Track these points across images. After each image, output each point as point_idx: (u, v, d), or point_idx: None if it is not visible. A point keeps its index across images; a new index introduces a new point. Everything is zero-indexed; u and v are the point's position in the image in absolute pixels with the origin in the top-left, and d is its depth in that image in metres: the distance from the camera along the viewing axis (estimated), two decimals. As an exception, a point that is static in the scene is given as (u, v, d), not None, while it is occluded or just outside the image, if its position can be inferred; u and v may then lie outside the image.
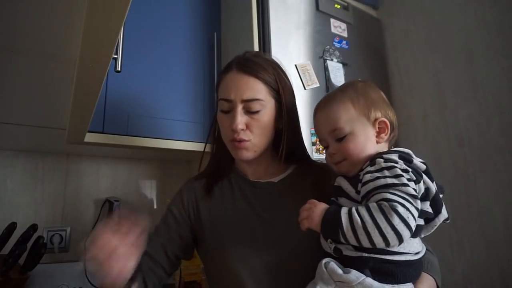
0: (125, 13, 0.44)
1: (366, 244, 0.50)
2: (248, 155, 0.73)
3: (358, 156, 0.61)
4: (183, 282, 1.23)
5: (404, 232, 0.49)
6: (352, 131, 0.62)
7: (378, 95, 0.66)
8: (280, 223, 0.71)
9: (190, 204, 0.79)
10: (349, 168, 0.63)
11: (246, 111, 0.72)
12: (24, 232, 1.01)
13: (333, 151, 0.64)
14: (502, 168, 1.16)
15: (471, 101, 1.27)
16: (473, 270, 1.20)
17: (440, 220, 0.59)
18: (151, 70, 1.19)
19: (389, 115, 0.64)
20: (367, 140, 0.62)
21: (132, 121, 1.11)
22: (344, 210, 0.53)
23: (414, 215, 0.50)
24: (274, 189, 0.77)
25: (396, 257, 0.54)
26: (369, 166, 0.58)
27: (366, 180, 0.55)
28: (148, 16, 1.23)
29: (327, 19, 1.37)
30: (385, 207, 0.50)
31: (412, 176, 0.54)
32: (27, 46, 0.69)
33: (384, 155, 0.57)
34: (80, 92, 0.66)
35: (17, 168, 1.28)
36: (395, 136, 0.66)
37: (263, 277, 0.67)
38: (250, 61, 0.74)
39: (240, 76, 0.73)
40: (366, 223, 0.50)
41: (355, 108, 0.62)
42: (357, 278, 0.52)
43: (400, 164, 0.55)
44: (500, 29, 1.21)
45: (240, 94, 0.71)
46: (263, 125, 0.72)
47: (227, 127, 0.73)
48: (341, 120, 0.62)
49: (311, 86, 1.21)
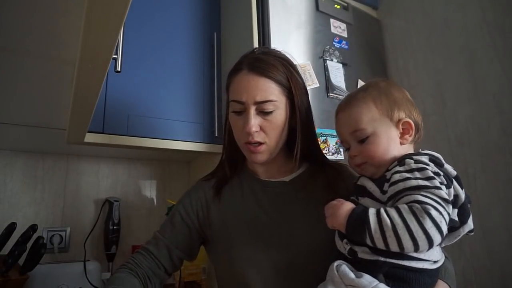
0: (125, 13, 0.43)
1: (395, 247, 0.47)
2: (263, 158, 0.72)
3: (380, 158, 0.58)
4: (183, 282, 1.23)
5: (436, 237, 0.46)
6: (375, 132, 0.59)
7: (402, 95, 0.63)
8: (290, 223, 0.70)
9: (199, 203, 0.79)
10: (373, 171, 0.60)
11: (259, 112, 0.70)
12: (24, 232, 1.01)
13: (355, 153, 0.61)
14: (502, 168, 1.16)
15: (471, 101, 1.27)
16: (473, 271, 1.20)
17: (464, 230, 0.56)
18: (151, 70, 1.19)
19: (414, 116, 0.61)
20: (390, 141, 0.59)
21: (132, 121, 1.11)
22: (372, 210, 0.50)
23: (446, 219, 0.48)
24: (285, 188, 0.76)
25: (413, 264, 0.51)
26: (397, 166, 0.55)
27: (396, 180, 0.52)
28: (148, 16, 1.23)
29: (327, 19, 1.37)
30: (417, 210, 0.47)
31: (443, 180, 0.52)
32: (27, 46, 0.69)
33: (414, 156, 0.55)
34: (80, 92, 0.66)
35: (17, 168, 1.28)
36: (421, 137, 0.63)
37: (271, 277, 0.66)
38: (261, 60, 0.72)
39: (251, 77, 0.71)
40: (396, 225, 0.47)
41: (378, 108, 0.60)
42: (369, 283, 0.49)
43: (432, 166, 0.53)
44: (500, 29, 1.21)
45: (253, 96, 0.69)
46: (277, 126, 0.71)
47: (240, 129, 0.72)
48: (363, 121, 0.60)
49: (311, 86, 1.21)
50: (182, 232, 0.77)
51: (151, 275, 0.73)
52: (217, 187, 0.79)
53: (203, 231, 0.78)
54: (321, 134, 1.16)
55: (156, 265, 0.74)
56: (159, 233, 0.78)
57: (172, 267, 0.76)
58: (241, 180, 0.80)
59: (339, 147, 1.20)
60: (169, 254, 0.75)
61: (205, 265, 1.29)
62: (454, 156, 1.30)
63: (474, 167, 1.24)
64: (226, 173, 0.80)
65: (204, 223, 0.78)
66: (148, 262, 0.74)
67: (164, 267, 0.75)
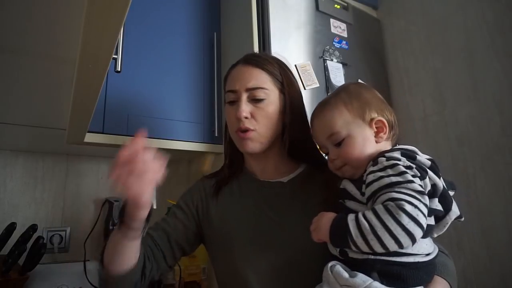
0: (125, 13, 0.43)
1: (379, 249, 0.48)
2: (253, 146, 0.73)
3: (358, 158, 0.60)
4: (183, 282, 1.23)
5: (416, 231, 0.47)
6: (349, 134, 0.61)
7: (372, 95, 0.65)
8: (288, 224, 0.71)
9: (199, 200, 0.80)
10: (352, 172, 0.62)
11: (250, 100, 0.73)
12: (24, 232, 1.01)
13: (333, 157, 0.63)
14: (502, 168, 1.16)
15: (471, 101, 1.27)
16: (473, 270, 1.20)
17: (451, 217, 0.56)
18: (151, 70, 1.19)
19: (386, 114, 0.63)
20: (365, 141, 0.61)
21: (132, 121, 1.11)
22: (351, 216, 0.51)
23: (423, 211, 0.48)
24: (283, 189, 0.76)
25: (404, 259, 0.52)
26: (371, 166, 0.56)
27: (370, 181, 0.54)
28: (148, 16, 1.23)
29: (327, 19, 1.37)
30: (391, 207, 0.48)
31: (416, 172, 0.53)
32: (27, 46, 0.69)
33: (386, 154, 0.56)
34: (80, 92, 0.66)
35: (17, 168, 1.28)
36: (397, 134, 0.65)
37: (269, 277, 0.66)
38: (256, 56, 0.78)
39: (245, 68, 0.75)
40: (374, 227, 0.48)
41: (349, 111, 0.62)
42: (363, 282, 0.50)
43: (403, 161, 0.54)
44: (500, 29, 1.21)
45: (245, 84, 0.73)
46: (268, 115, 0.73)
47: (232, 118, 0.74)
48: (337, 125, 0.62)
49: (311, 86, 1.21)
50: (181, 221, 0.77)
51: (150, 255, 0.71)
52: (217, 187, 0.80)
53: (201, 226, 0.79)
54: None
55: (156, 248, 0.73)
56: (160, 221, 0.78)
57: (171, 253, 0.75)
58: (240, 181, 0.81)
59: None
60: (168, 238, 0.75)
61: (205, 265, 1.29)
62: (454, 156, 1.30)
63: (474, 167, 1.24)
64: (225, 173, 0.81)
65: (204, 218, 0.78)
66: (148, 242, 0.73)
67: (162, 251, 0.73)
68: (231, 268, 0.71)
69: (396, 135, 0.65)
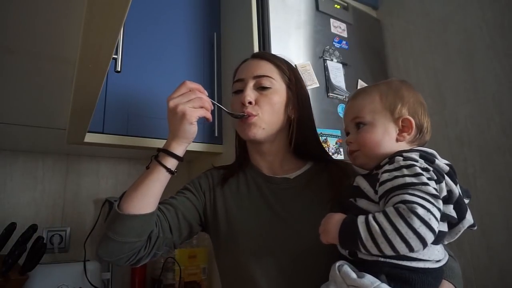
0: (125, 13, 0.44)
1: (389, 252, 0.47)
2: (256, 132, 0.73)
3: (371, 148, 0.60)
4: (183, 282, 1.23)
5: (427, 235, 0.46)
6: (372, 122, 0.61)
7: (411, 95, 0.64)
8: (295, 221, 0.71)
9: (207, 189, 0.80)
10: (363, 160, 0.62)
11: (256, 88, 0.75)
12: (24, 232, 1.01)
13: (351, 140, 0.64)
14: (502, 168, 1.16)
15: (471, 101, 1.27)
16: (473, 270, 1.20)
17: (464, 225, 0.55)
18: (151, 70, 1.19)
19: (419, 117, 0.62)
20: (385, 134, 0.60)
21: (132, 121, 1.11)
22: (361, 219, 0.50)
23: (436, 216, 0.47)
24: (289, 185, 0.76)
25: (415, 264, 0.51)
26: (387, 165, 0.55)
27: (384, 180, 0.53)
28: (148, 16, 1.23)
29: (327, 19, 1.37)
30: (403, 210, 0.47)
31: (432, 175, 0.51)
32: (27, 46, 0.68)
33: (404, 153, 0.55)
34: (80, 92, 0.66)
35: (17, 168, 1.27)
36: (425, 141, 0.64)
37: (275, 273, 0.66)
38: (266, 52, 0.85)
39: (255, 61, 0.80)
40: (385, 230, 0.47)
41: (382, 101, 0.62)
42: (371, 283, 0.49)
43: (420, 162, 0.52)
44: (500, 29, 1.21)
45: (252, 72, 0.76)
46: (272, 102, 0.74)
47: (237, 105, 0.76)
48: (364, 110, 0.63)
49: (311, 86, 1.21)
50: (190, 200, 0.76)
51: (158, 223, 0.69)
52: (224, 178, 0.81)
53: (207, 214, 0.78)
54: (321, 134, 1.16)
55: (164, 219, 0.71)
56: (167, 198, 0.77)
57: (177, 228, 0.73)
58: (247, 175, 0.81)
59: (339, 147, 1.20)
60: (176, 214, 0.73)
61: (205, 265, 1.29)
62: (454, 156, 1.30)
63: (474, 167, 1.24)
64: (234, 165, 0.84)
65: (210, 207, 0.78)
66: (156, 212, 0.70)
67: (169, 223, 0.71)
68: (236, 262, 0.70)
69: (424, 143, 0.64)
